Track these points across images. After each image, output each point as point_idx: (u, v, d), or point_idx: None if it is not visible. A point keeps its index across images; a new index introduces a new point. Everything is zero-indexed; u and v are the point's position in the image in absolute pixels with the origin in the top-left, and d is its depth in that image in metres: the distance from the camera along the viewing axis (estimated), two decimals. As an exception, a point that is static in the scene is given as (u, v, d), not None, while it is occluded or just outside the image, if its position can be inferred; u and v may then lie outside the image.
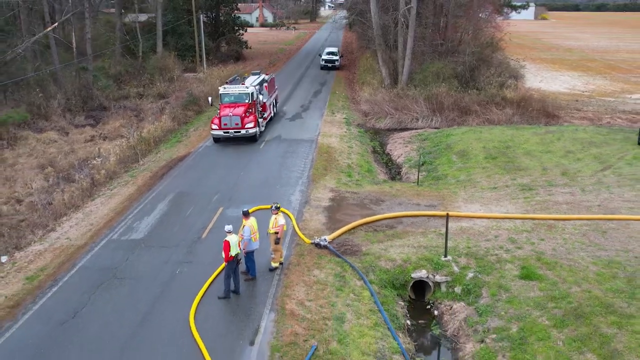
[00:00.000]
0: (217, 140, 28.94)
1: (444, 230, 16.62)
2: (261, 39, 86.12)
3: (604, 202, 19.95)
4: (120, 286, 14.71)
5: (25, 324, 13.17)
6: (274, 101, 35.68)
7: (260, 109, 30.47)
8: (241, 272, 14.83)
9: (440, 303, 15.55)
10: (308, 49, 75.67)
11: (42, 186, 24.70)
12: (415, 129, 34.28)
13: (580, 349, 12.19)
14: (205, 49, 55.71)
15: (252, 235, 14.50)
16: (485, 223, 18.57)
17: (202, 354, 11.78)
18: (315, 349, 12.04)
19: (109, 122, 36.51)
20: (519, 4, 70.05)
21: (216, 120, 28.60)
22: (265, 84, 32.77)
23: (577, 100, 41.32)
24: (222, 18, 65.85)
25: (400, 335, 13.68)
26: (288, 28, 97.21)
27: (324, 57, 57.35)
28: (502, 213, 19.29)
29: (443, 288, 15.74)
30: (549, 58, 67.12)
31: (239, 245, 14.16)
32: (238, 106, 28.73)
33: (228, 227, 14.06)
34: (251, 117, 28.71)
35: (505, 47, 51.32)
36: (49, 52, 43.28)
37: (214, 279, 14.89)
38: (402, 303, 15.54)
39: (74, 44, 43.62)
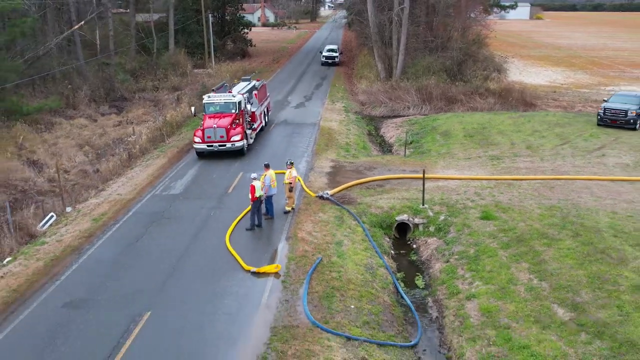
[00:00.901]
0: (200, 154, 26.32)
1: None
2: (264, 38, 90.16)
3: (557, 167, 24.17)
4: (169, 223, 18.98)
5: (100, 246, 17.42)
6: (265, 110, 33.31)
7: (248, 119, 27.87)
8: (262, 214, 18.98)
9: (417, 239, 19.76)
10: (309, 47, 79.84)
11: (84, 160, 28.94)
12: (407, 115, 38.46)
13: (517, 260, 16.38)
14: (213, 46, 59.84)
15: (271, 183, 18.70)
16: (457, 183, 22.78)
17: (237, 261, 15.99)
18: (320, 260, 16.23)
19: (131, 110, 40.70)
20: (507, 3, 74.08)
21: (199, 133, 26.03)
22: (255, 92, 30.65)
23: (554, 92, 45.49)
24: (227, 18, 70.08)
25: (385, 257, 17.88)
26: (289, 27, 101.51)
27: (325, 53, 61.58)
28: (471, 175, 23.52)
29: (420, 228, 19.96)
30: (537, 55, 71.09)
31: (262, 189, 18.34)
32: (223, 117, 26.33)
33: (253, 175, 18.40)
34: (238, 129, 26.26)
35: (498, 44, 55.33)
36: (73, 49, 47.45)
37: (242, 217, 19.12)
38: (388, 239, 19.73)
39: (98, 41, 47.87)
